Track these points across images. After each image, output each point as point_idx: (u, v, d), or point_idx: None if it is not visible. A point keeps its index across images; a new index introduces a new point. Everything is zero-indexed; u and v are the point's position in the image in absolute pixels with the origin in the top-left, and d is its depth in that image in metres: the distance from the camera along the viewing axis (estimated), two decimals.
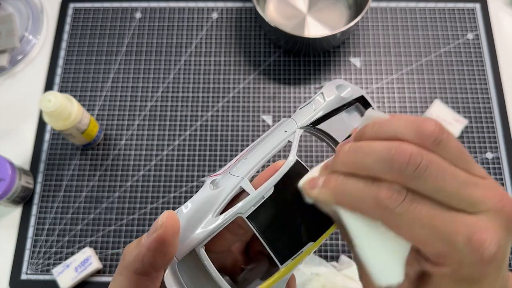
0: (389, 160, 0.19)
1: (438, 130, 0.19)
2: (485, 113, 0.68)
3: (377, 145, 0.20)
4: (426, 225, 0.19)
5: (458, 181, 0.19)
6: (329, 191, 0.21)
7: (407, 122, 0.20)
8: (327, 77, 0.71)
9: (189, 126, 0.68)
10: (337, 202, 0.21)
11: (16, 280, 0.61)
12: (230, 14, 0.75)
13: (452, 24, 0.74)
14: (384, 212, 0.19)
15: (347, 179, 0.21)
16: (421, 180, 0.19)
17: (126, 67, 0.72)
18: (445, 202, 0.19)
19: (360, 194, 0.20)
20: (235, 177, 0.25)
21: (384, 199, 0.19)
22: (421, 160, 0.19)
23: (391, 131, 0.20)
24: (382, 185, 0.19)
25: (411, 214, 0.19)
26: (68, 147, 0.67)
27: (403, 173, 0.19)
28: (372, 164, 0.20)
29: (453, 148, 0.20)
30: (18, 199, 0.62)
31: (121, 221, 0.63)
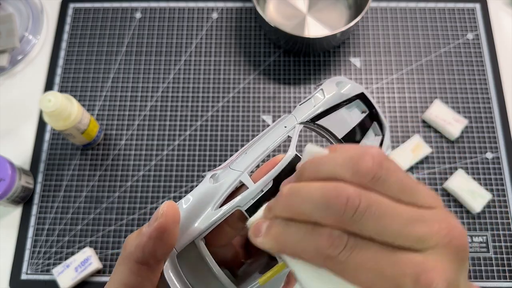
0: (326, 205, 0.18)
1: (376, 166, 0.19)
2: (485, 113, 0.68)
3: (313, 189, 0.19)
4: (371, 269, 0.18)
5: (401, 220, 0.18)
6: (271, 240, 0.20)
7: (344, 160, 0.19)
8: (327, 77, 0.71)
9: (189, 126, 0.68)
10: (280, 251, 0.20)
11: (16, 280, 0.61)
12: (230, 14, 0.75)
13: (452, 24, 0.74)
14: (327, 260, 0.18)
15: (288, 226, 0.20)
16: (362, 223, 0.18)
17: (126, 67, 0.72)
18: (390, 243, 0.18)
19: (301, 243, 0.19)
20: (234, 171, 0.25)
21: (324, 248, 0.18)
22: (359, 202, 0.18)
23: (328, 170, 0.20)
24: (322, 232, 0.19)
25: (354, 260, 0.18)
26: (68, 147, 0.67)
27: (342, 217, 0.18)
28: (309, 209, 0.19)
29: (394, 182, 0.19)
30: (18, 199, 0.62)
31: (121, 221, 0.63)
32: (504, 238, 0.62)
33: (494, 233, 0.62)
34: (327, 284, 0.20)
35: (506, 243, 0.61)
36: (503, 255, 0.61)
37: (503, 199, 0.64)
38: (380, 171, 0.19)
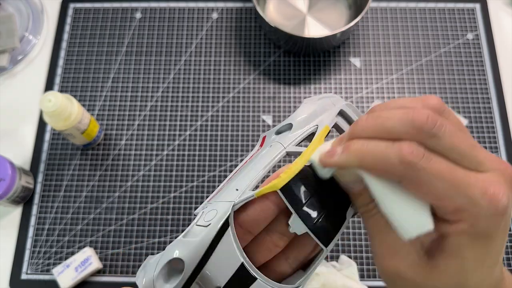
0: (410, 120, 0.20)
1: (441, 103, 0.22)
2: (485, 113, 0.68)
3: (395, 110, 0.21)
4: (445, 179, 0.20)
5: (467, 143, 0.21)
6: (351, 155, 0.22)
7: (412, 98, 0.22)
8: (327, 77, 0.71)
9: (189, 126, 0.68)
10: (361, 164, 0.21)
11: (16, 280, 0.61)
12: (230, 14, 0.75)
13: (452, 24, 0.74)
14: (407, 168, 0.20)
15: (369, 141, 0.21)
16: (438, 138, 0.20)
17: (126, 67, 0.72)
18: (458, 161, 0.20)
19: (383, 153, 0.20)
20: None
21: (407, 155, 0.20)
22: (436, 120, 0.20)
23: (401, 103, 0.22)
24: (403, 143, 0.20)
25: (432, 168, 0.20)
26: (68, 147, 0.67)
27: (422, 131, 0.20)
28: (392, 125, 0.21)
29: (454, 118, 0.22)
30: (18, 199, 0.62)
31: (121, 221, 0.63)
32: None
33: None
34: (403, 197, 0.21)
35: (506, 243, 0.61)
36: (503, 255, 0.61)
37: None
38: (444, 107, 0.22)
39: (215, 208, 0.24)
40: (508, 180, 0.21)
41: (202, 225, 0.23)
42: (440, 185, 0.20)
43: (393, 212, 0.21)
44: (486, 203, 0.20)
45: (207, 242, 0.23)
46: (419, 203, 0.21)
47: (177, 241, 0.24)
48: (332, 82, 0.71)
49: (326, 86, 0.70)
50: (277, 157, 0.26)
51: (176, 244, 0.23)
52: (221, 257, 0.23)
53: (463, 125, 0.22)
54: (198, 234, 0.23)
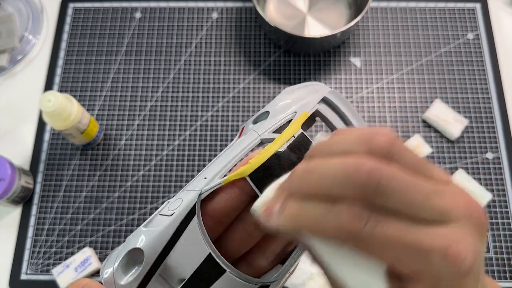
0: (348, 177, 0.17)
1: (389, 143, 0.18)
2: (486, 113, 0.68)
3: (332, 163, 0.18)
4: (396, 244, 0.17)
5: (423, 192, 0.18)
6: (287, 219, 0.19)
7: (358, 138, 0.19)
8: (327, 77, 0.71)
9: (189, 126, 0.68)
10: (298, 229, 0.19)
11: (16, 280, 0.61)
12: (230, 14, 0.75)
13: (452, 24, 0.74)
14: (350, 237, 0.18)
15: (305, 203, 0.19)
16: (385, 196, 0.17)
17: (126, 67, 0.72)
18: (413, 216, 0.18)
19: (320, 221, 0.18)
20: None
21: (346, 224, 0.17)
22: (381, 174, 0.17)
23: (342, 148, 0.19)
24: (342, 208, 0.18)
25: (379, 235, 0.17)
26: (68, 147, 0.67)
27: (364, 190, 0.17)
28: (329, 185, 0.18)
29: (408, 158, 0.19)
30: (17, 199, 0.62)
31: (121, 221, 0.63)
32: (504, 238, 0.62)
33: (494, 233, 0.62)
34: (352, 260, 0.19)
35: (506, 243, 0.61)
36: (503, 255, 0.61)
37: (503, 199, 0.64)
38: (394, 147, 0.18)
39: (180, 197, 0.23)
40: (475, 226, 0.18)
41: (166, 215, 0.22)
42: (391, 250, 0.17)
43: (343, 278, 0.19)
44: (447, 266, 0.17)
45: (170, 231, 0.22)
46: (372, 264, 0.19)
47: (137, 231, 0.23)
48: (332, 82, 0.70)
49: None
50: (250, 145, 0.24)
51: (137, 234, 0.22)
52: (186, 248, 0.22)
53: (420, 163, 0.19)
54: (160, 223, 0.22)
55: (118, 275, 0.22)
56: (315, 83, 0.27)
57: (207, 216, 0.23)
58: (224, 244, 0.24)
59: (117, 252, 0.23)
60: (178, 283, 0.22)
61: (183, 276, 0.22)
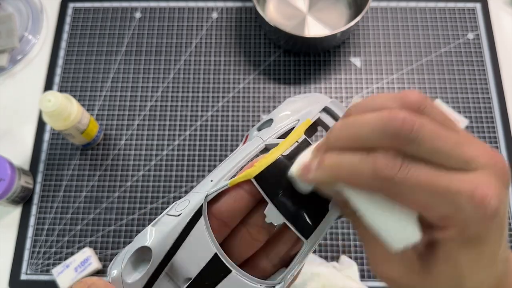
0: (383, 127, 0.19)
1: (421, 99, 0.20)
2: (486, 113, 0.68)
3: (369, 116, 0.20)
4: (426, 189, 0.18)
5: (451, 141, 0.19)
6: (326, 171, 0.21)
7: (390, 95, 0.21)
8: (327, 77, 0.71)
9: (189, 126, 0.68)
10: (336, 180, 0.20)
11: (15, 280, 0.61)
12: (230, 14, 0.75)
13: (452, 24, 0.74)
14: (384, 182, 0.19)
15: (342, 154, 0.20)
16: (416, 143, 0.19)
17: (126, 67, 0.72)
18: (442, 163, 0.19)
19: (357, 168, 0.19)
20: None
21: (381, 169, 0.18)
22: (413, 123, 0.19)
23: (377, 104, 0.21)
24: (377, 155, 0.19)
25: (410, 180, 0.18)
26: (68, 147, 0.67)
27: (398, 138, 0.19)
28: (366, 134, 0.19)
29: (437, 113, 0.20)
30: (17, 199, 0.62)
31: (121, 221, 0.63)
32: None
33: None
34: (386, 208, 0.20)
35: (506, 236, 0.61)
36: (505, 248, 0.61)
37: None
38: (424, 103, 0.20)
39: (188, 199, 0.24)
40: (499, 175, 0.19)
41: (173, 215, 0.23)
42: (422, 195, 0.19)
43: (377, 225, 0.20)
44: (474, 208, 0.18)
45: (178, 230, 0.22)
46: (404, 213, 0.20)
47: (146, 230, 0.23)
48: (332, 82, 0.70)
49: (326, 86, 0.70)
50: (255, 150, 0.25)
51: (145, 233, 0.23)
52: (192, 247, 0.22)
53: (448, 119, 0.21)
54: (168, 223, 0.22)
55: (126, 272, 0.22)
56: (316, 94, 0.28)
57: (213, 217, 0.23)
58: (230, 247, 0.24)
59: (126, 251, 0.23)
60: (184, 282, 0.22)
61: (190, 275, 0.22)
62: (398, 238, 0.20)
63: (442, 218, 0.19)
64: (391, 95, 0.21)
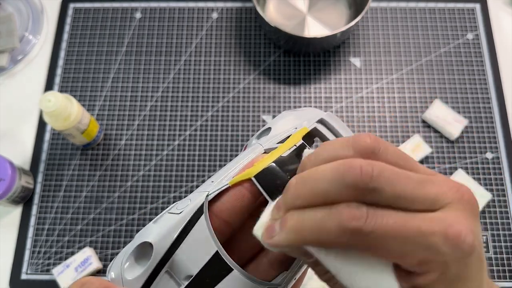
0: (341, 178, 0.18)
1: (374, 141, 0.19)
2: (485, 113, 0.68)
3: (324, 168, 0.19)
4: (398, 236, 0.18)
5: (413, 183, 0.19)
6: (289, 233, 0.19)
7: (342, 142, 0.20)
8: (327, 77, 0.71)
9: (189, 126, 0.68)
10: (301, 242, 0.19)
11: (16, 280, 0.61)
12: (230, 14, 0.75)
13: (452, 24, 0.74)
14: (352, 236, 0.18)
15: (304, 213, 0.19)
16: (378, 190, 0.18)
17: (126, 67, 0.72)
18: (407, 207, 0.18)
19: (322, 225, 0.18)
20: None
21: (347, 222, 0.18)
22: (371, 169, 0.18)
23: (330, 155, 0.20)
24: (341, 208, 0.18)
25: (379, 229, 0.18)
26: (68, 147, 0.67)
27: (358, 188, 0.18)
28: (324, 188, 0.19)
29: (393, 153, 0.20)
30: (18, 199, 0.62)
31: (121, 221, 0.63)
32: (504, 238, 0.62)
33: (494, 233, 0.62)
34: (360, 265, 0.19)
35: (506, 243, 0.62)
36: (503, 255, 0.61)
37: (503, 199, 0.64)
38: (379, 145, 0.19)
39: (189, 198, 0.24)
40: (468, 208, 0.19)
41: (174, 213, 0.23)
42: (394, 244, 0.18)
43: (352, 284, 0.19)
44: (450, 249, 0.18)
45: (179, 227, 0.22)
46: (378, 265, 0.19)
47: (147, 226, 0.23)
48: (332, 82, 0.71)
49: (326, 86, 0.70)
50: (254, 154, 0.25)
51: (146, 229, 0.23)
52: (193, 245, 0.22)
53: (404, 156, 0.20)
54: (169, 221, 0.23)
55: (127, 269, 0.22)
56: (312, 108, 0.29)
57: (214, 216, 0.23)
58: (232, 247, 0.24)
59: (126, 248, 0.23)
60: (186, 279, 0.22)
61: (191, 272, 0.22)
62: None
63: (419, 263, 0.18)
64: (343, 141, 0.20)
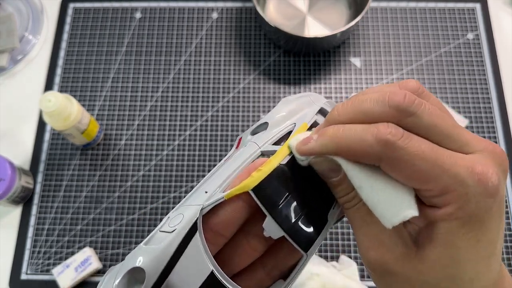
0: (386, 100, 0.19)
1: (419, 85, 0.21)
2: (486, 113, 0.68)
3: (372, 94, 0.20)
4: (427, 158, 0.18)
5: (450, 122, 0.20)
6: (327, 139, 0.21)
7: (390, 84, 0.22)
8: (327, 77, 0.71)
9: (189, 126, 0.68)
10: (337, 148, 0.20)
11: (16, 280, 0.61)
12: (230, 14, 0.75)
13: (452, 24, 0.74)
14: (386, 148, 0.19)
15: (345, 126, 0.20)
16: (417, 116, 0.19)
17: (126, 67, 0.72)
18: (441, 141, 0.19)
19: (360, 135, 0.19)
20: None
21: (384, 134, 0.19)
22: (415, 98, 0.19)
23: (378, 88, 0.21)
24: (380, 124, 0.19)
25: (412, 147, 0.19)
26: (68, 147, 0.67)
27: (399, 109, 0.19)
28: (368, 107, 0.20)
29: (435, 100, 0.21)
30: (18, 199, 0.62)
31: (121, 221, 0.63)
32: (504, 238, 0.62)
33: None
34: (384, 184, 0.20)
35: (506, 243, 0.61)
36: (503, 255, 0.61)
37: None
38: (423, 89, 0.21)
39: (181, 212, 0.22)
40: (498, 161, 0.19)
41: (166, 231, 0.22)
42: (422, 165, 0.18)
43: (374, 199, 0.20)
44: (474, 182, 0.18)
45: (172, 249, 0.21)
46: (402, 188, 0.20)
47: (138, 248, 0.22)
48: (332, 82, 0.71)
49: (326, 86, 0.70)
50: (250, 158, 0.24)
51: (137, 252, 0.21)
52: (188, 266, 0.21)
53: (444, 107, 0.21)
54: (161, 241, 0.21)
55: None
56: (311, 94, 0.28)
57: (208, 229, 0.22)
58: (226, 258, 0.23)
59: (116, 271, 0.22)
60: None
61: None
62: (394, 212, 0.19)
63: (441, 192, 0.19)
64: (390, 84, 0.22)
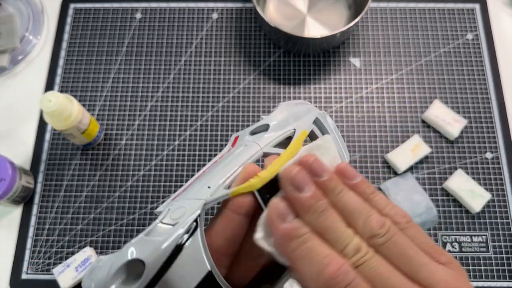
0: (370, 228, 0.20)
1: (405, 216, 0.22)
2: (485, 113, 0.68)
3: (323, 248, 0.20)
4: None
5: (423, 257, 0.20)
6: (289, 246, 0.21)
7: None
8: (327, 77, 0.71)
9: (189, 126, 0.68)
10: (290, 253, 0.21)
11: (16, 280, 0.61)
12: (230, 14, 0.75)
13: (451, 25, 0.74)
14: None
15: (310, 241, 0.21)
16: (388, 245, 0.20)
17: (127, 67, 0.72)
18: (408, 272, 0.20)
19: (317, 267, 0.20)
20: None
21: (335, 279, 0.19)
22: (389, 226, 0.20)
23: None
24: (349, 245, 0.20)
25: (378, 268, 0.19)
26: (68, 147, 0.67)
27: (374, 235, 0.20)
28: None
29: (417, 231, 0.21)
30: (18, 199, 0.62)
31: (122, 221, 0.63)
32: (503, 238, 0.62)
33: (494, 233, 0.62)
34: None
35: (505, 243, 0.62)
36: (502, 255, 0.61)
37: (503, 199, 0.64)
38: (408, 223, 0.22)
39: (183, 205, 0.22)
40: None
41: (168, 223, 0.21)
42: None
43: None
44: None
45: (173, 243, 0.20)
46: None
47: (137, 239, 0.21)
48: (332, 82, 0.71)
49: (326, 86, 0.70)
50: (253, 157, 0.24)
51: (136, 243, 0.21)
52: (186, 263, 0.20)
53: (425, 236, 0.21)
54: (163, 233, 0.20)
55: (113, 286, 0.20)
56: (307, 103, 0.29)
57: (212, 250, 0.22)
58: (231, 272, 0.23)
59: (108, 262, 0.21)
60: None
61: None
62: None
63: None
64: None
